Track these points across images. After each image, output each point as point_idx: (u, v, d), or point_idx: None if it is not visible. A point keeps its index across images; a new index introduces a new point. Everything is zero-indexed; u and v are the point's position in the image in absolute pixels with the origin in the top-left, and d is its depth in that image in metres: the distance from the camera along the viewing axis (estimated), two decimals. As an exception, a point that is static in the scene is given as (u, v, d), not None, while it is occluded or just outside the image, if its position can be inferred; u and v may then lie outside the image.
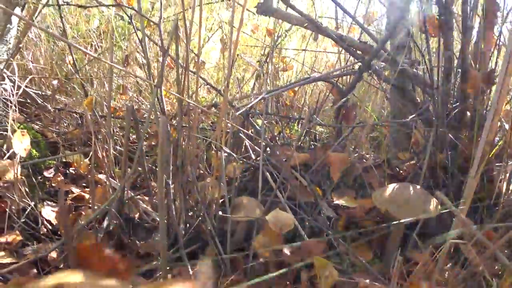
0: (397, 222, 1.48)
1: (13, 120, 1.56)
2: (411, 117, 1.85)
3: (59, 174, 1.98)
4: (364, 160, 1.96)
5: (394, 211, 1.50)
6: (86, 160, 2.09)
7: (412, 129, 2.07)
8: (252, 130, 1.90)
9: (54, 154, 2.07)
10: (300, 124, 2.66)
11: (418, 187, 1.58)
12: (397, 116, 1.99)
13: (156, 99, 1.60)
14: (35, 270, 1.48)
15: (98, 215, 1.56)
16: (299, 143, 2.12)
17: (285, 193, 1.75)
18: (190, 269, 1.49)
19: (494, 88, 1.55)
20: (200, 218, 1.72)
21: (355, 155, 1.95)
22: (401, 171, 1.95)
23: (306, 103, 2.65)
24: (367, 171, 1.93)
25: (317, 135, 2.51)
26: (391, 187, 1.57)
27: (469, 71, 1.62)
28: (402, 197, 1.51)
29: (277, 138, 2.16)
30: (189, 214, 1.78)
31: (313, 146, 2.21)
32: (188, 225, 1.72)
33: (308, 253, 1.40)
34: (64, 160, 2.08)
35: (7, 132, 1.89)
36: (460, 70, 1.68)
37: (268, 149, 1.89)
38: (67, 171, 2.04)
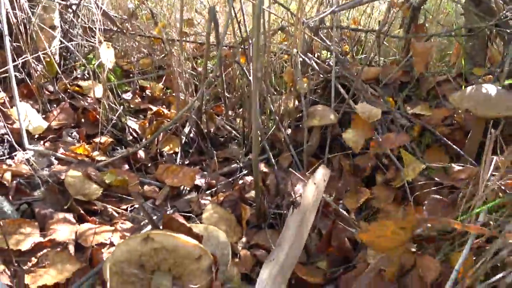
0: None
1: (99, 32, 1.65)
2: (485, 25, 1.77)
3: (137, 96, 2.09)
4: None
5: (475, 108, 1.47)
6: (160, 84, 2.19)
7: (487, 44, 1.99)
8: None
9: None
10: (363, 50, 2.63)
11: (500, 87, 1.54)
12: (473, 30, 1.91)
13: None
14: (126, 166, 1.60)
15: (179, 119, 1.64)
16: (369, 58, 2.11)
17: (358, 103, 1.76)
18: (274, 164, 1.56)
19: None
20: (274, 128, 1.77)
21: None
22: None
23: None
24: (440, 85, 1.89)
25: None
26: (471, 88, 1.53)
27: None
28: (484, 95, 1.48)
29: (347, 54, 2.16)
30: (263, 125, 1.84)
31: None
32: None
33: (391, 144, 1.41)
34: (138, 85, 2.19)
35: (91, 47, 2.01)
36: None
37: (338, 63, 1.90)
38: (144, 94, 2.15)
